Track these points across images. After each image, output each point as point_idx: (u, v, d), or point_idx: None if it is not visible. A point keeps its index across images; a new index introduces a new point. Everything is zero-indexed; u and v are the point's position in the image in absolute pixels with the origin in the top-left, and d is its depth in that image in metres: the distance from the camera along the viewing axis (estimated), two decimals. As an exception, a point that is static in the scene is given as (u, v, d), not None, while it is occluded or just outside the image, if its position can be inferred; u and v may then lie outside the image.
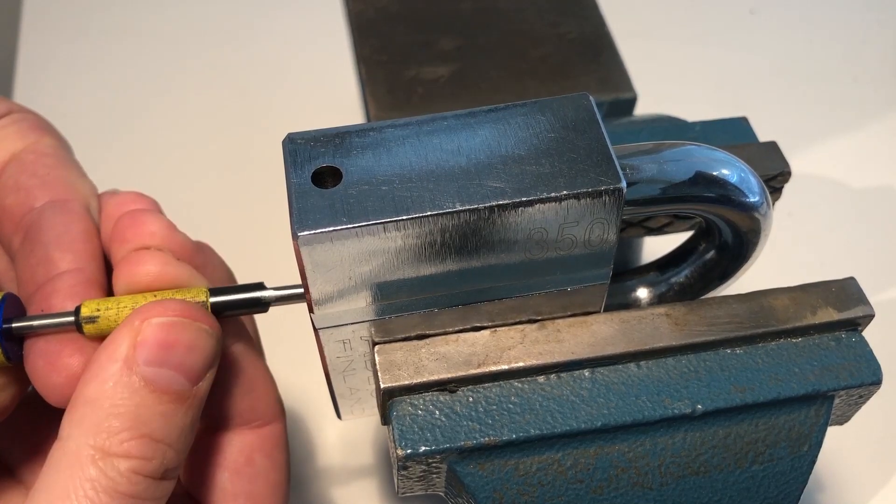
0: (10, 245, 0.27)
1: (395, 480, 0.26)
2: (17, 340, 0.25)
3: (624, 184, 0.22)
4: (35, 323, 0.25)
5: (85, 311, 0.24)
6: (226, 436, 0.28)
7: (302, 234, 0.21)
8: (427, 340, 0.25)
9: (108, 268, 0.27)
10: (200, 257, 0.28)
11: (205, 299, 0.25)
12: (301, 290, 0.25)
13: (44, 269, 0.26)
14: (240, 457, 0.28)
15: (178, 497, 0.28)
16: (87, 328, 0.24)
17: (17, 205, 0.27)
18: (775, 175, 0.29)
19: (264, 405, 0.28)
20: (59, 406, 0.24)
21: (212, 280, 0.28)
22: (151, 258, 0.25)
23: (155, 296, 0.25)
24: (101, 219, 0.28)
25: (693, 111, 0.35)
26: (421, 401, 0.24)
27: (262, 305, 0.26)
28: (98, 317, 0.24)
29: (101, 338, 0.25)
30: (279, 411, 0.29)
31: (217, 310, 0.25)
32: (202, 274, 0.27)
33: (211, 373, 0.25)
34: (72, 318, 0.24)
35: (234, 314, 0.26)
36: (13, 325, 0.25)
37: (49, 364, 0.25)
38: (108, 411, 0.23)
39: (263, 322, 0.31)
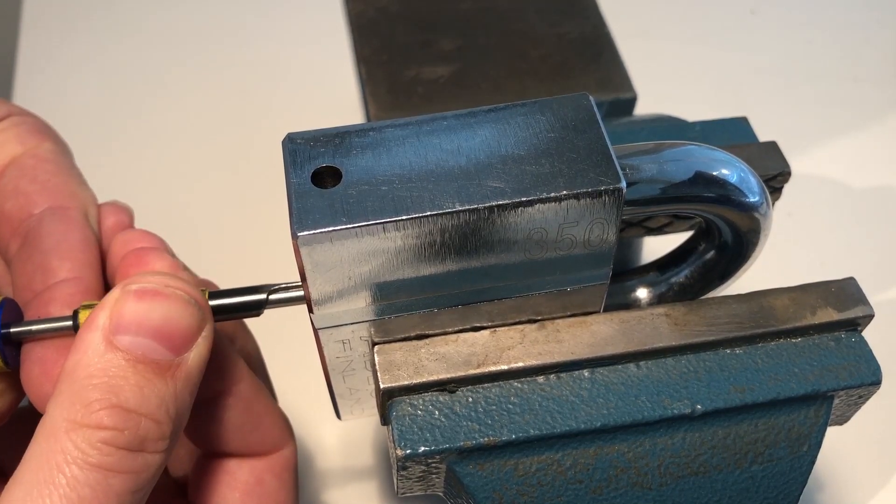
0: (6, 250, 0.27)
1: (395, 481, 0.26)
2: (16, 345, 0.25)
3: (624, 184, 0.22)
4: (34, 328, 0.24)
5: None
6: (236, 459, 0.28)
7: (302, 234, 0.21)
8: (427, 340, 0.25)
9: (105, 278, 0.27)
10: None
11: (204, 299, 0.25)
12: (300, 292, 0.25)
13: (41, 277, 0.25)
14: (250, 477, 0.28)
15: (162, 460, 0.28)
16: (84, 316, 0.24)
17: (15, 210, 0.27)
18: (775, 175, 0.29)
19: (272, 436, 0.28)
20: None
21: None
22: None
23: None
24: (108, 256, 0.28)
25: (693, 111, 0.35)
26: (420, 401, 0.24)
27: (261, 308, 0.26)
28: (94, 304, 0.24)
29: None
30: (289, 437, 0.29)
31: (215, 312, 0.25)
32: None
33: (200, 345, 0.24)
34: (69, 323, 0.24)
35: (232, 317, 0.26)
36: (11, 329, 0.24)
37: (44, 372, 0.24)
38: (83, 382, 0.22)
39: (263, 322, 0.31)
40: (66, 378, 0.22)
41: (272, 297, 0.26)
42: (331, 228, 0.21)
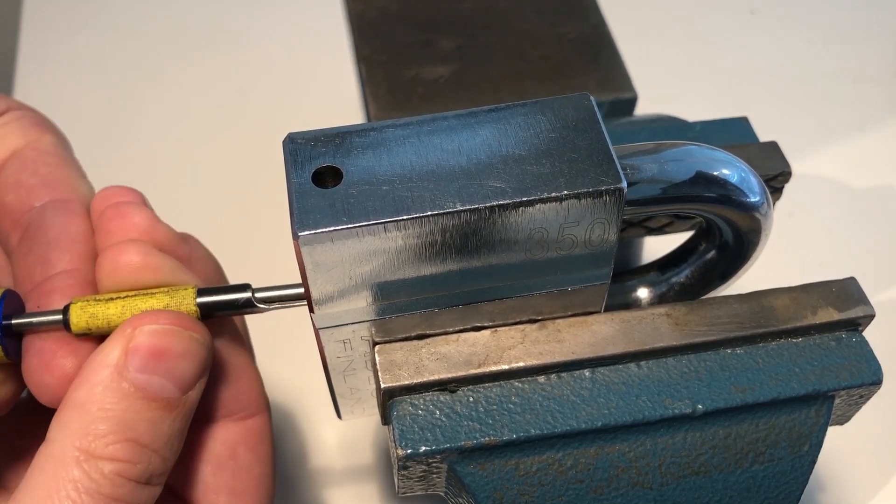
0: (7, 242, 0.27)
1: (396, 480, 0.26)
2: (17, 337, 0.25)
3: (624, 184, 0.22)
4: (34, 320, 0.25)
5: (76, 323, 0.24)
6: (209, 428, 0.28)
7: (302, 234, 0.21)
8: (427, 340, 0.25)
9: None
10: (185, 249, 0.27)
11: (192, 299, 0.25)
12: (293, 291, 0.25)
13: (41, 269, 0.26)
14: (223, 450, 0.28)
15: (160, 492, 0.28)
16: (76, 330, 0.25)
17: (17, 202, 0.27)
18: (776, 175, 0.29)
19: (248, 396, 0.28)
20: (50, 406, 0.24)
21: (197, 272, 0.27)
22: (133, 248, 0.25)
23: (146, 294, 0.25)
24: (91, 216, 0.28)
25: (693, 111, 0.35)
26: (421, 401, 0.24)
27: (252, 306, 0.26)
28: (91, 331, 0.25)
29: (92, 338, 0.25)
30: (263, 404, 0.29)
31: (205, 310, 0.25)
32: (187, 266, 0.27)
33: (201, 382, 0.25)
34: (59, 317, 0.25)
35: (223, 314, 0.26)
36: (13, 321, 0.25)
37: (43, 364, 0.25)
38: (96, 415, 0.23)
39: (263, 322, 0.31)
40: (74, 409, 0.23)
41: (265, 293, 0.26)
42: (332, 228, 0.21)
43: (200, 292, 0.26)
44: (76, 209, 0.27)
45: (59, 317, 0.25)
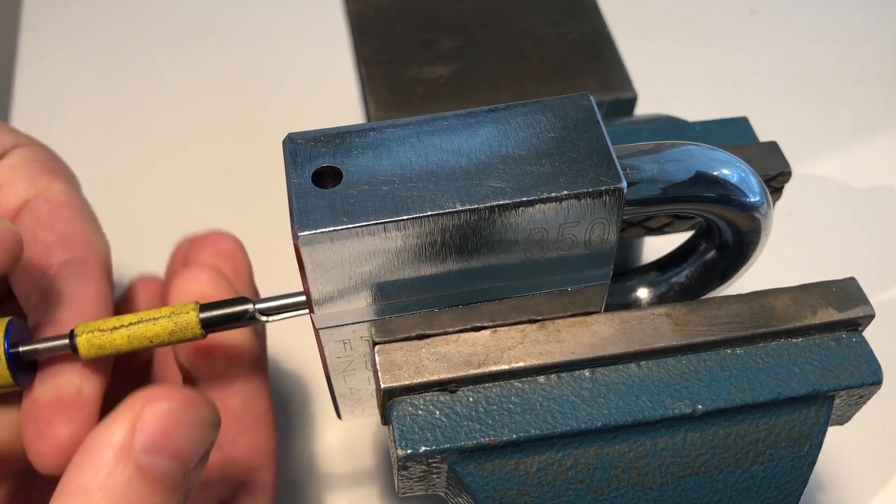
0: (28, 301, 0.27)
1: (396, 480, 0.26)
2: (28, 364, 0.25)
3: (624, 184, 0.22)
4: (39, 346, 0.25)
5: (85, 356, 0.25)
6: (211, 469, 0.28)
7: (302, 234, 0.21)
8: (427, 340, 0.25)
9: None
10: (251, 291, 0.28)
11: (195, 316, 0.25)
12: (294, 300, 0.25)
13: (53, 330, 0.26)
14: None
15: None
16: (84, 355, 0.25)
17: (35, 260, 0.27)
18: (775, 175, 0.29)
19: (257, 448, 0.28)
20: (46, 474, 0.24)
21: None
22: (205, 271, 0.27)
23: (150, 321, 0.25)
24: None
25: (693, 111, 0.35)
26: (421, 401, 0.24)
27: (253, 318, 0.26)
28: (89, 325, 0.25)
29: (90, 407, 0.25)
30: (272, 459, 0.28)
31: (208, 325, 0.26)
32: None
33: (203, 462, 0.24)
34: (66, 342, 0.25)
35: (225, 328, 0.26)
36: (20, 349, 0.25)
37: (37, 431, 0.24)
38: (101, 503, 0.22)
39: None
40: (77, 497, 0.22)
41: (265, 304, 0.26)
42: (331, 228, 0.21)
43: (202, 308, 0.26)
44: (92, 269, 0.27)
45: (66, 341, 0.25)
